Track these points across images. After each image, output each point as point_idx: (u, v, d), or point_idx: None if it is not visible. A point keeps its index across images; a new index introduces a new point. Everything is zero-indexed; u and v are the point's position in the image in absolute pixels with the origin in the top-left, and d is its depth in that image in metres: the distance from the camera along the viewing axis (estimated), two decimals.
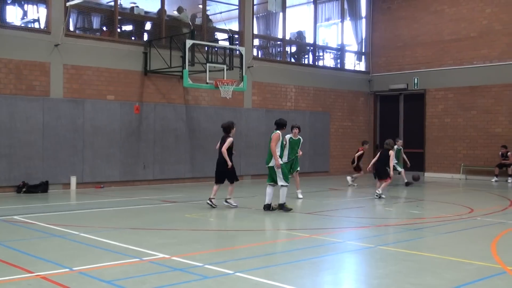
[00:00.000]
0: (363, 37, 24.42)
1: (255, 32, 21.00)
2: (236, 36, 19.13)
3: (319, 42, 23.51)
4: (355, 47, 24.44)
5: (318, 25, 23.20)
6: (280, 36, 21.81)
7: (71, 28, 16.41)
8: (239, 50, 16.53)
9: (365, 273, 6.76)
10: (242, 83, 16.28)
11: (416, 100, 22.94)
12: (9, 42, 14.71)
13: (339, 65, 23.68)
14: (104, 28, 17.32)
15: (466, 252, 7.62)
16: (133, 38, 17.79)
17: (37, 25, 15.85)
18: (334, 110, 22.77)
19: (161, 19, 17.93)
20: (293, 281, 6.04)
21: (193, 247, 7.84)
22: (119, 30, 17.22)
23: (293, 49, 22.86)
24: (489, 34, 20.85)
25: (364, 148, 18.08)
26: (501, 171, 19.89)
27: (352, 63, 24.41)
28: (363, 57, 24.56)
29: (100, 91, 16.26)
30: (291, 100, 21.21)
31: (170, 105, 17.68)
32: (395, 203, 13.44)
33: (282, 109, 20.69)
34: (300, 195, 13.82)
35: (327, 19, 24.50)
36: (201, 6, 19.33)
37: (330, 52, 24.03)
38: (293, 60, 22.45)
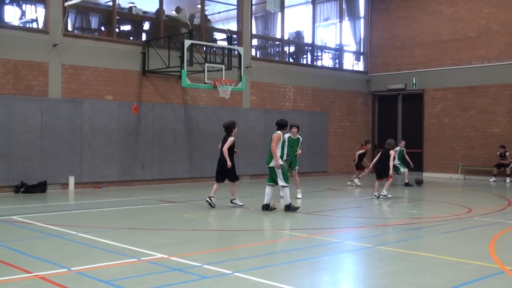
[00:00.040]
0: (362, 37, 24.43)
1: (254, 32, 21.00)
2: (235, 36, 19.12)
3: (318, 42, 23.52)
4: (353, 47, 24.46)
5: (316, 25, 23.21)
6: (278, 36, 21.81)
7: (69, 28, 16.39)
8: (237, 50, 16.53)
9: (364, 273, 6.76)
10: (240, 83, 16.29)
11: (414, 100, 22.95)
12: (7, 42, 14.69)
13: (337, 65, 23.69)
14: (103, 28, 17.32)
15: (465, 252, 7.62)
16: (131, 38, 17.77)
17: (35, 25, 15.83)
18: (333, 110, 22.78)
19: (159, 19, 17.93)
20: (291, 281, 6.04)
21: (191, 247, 7.84)
22: (117, 30, 17.21)
23: (292, 49, 22.86)
24: (488, 34, 20.87)
25: (367, 148, 18.12)
26: (499, 171, 19.92)
27: (350, 63, 24.43)
28: (361, 57, 24.57)
29: (98, 91, 16.25)
30: (289, 100, 21.21)
31: (168, 105, 17.68)
32: (393, 203, 13.45)
33: (280, 109, 20.69)
34: (299, 195, 13.84)
35: (326, 19, 24.50)
36: (199, 6, 19.35)
37: (328, 52, 24.03)
38: (291, 60, 22.45)
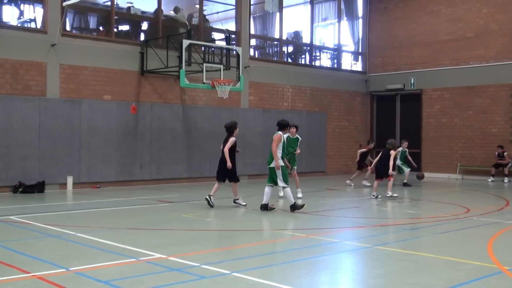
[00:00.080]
0: (360, 37, 24.44)
1: (252, 32, 20.99)
2: (233, 36, 19.14)
3: (316, 42, 23.52)
4: (351, 47, 24.47)
5: (314, 25, 23.21)
6: (277, 36, 21.81)
7: (67, 28, 16.39)
8: (236, 50, 16.53)
9: (362, 273, 6.76)
10: (239, 83, 16.29)
11: (412, 100, 22.97)
12: (5, 41, 14.67)
13: (335, 65, 23.69)
14: (101, 28, 17.31)
15: (463, 252, 7.63)
16: (129, 38, 17.77)
17: (33, 24, 15.82)
18: (331, 110, 22.79)
19: (157, 19, 17.92)
20: (290, 281, 6.04)
21: (190, 247, 7.84)
22: (115, 30, 17.21)
23: (290, 49, 22.88)
24: (486, 35, 20.89)
25: (369, 147, 18.16)
26: (497, 171, 19.94)
27: (348, 63, 24.45)
28: (359, 57, 24.58)
29: (96, 91, 16.23)
30: (288, 100, 21.21)
31: (166, 105, 17.67)
32: (392, 203, 13.46)
33: (279, 109, 20.69)
34: (299, 194, 13.85)
35: (324, 19, 24.51)
36: (198, 6, 19.32)
37: (326, 52, 24.03)
38: (290, 60, 22.46)
